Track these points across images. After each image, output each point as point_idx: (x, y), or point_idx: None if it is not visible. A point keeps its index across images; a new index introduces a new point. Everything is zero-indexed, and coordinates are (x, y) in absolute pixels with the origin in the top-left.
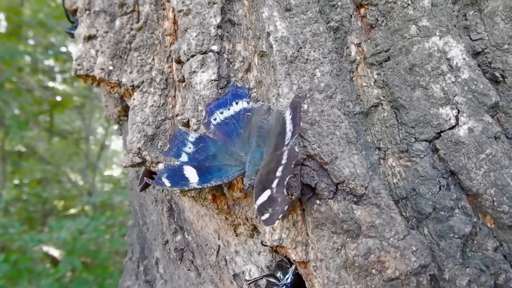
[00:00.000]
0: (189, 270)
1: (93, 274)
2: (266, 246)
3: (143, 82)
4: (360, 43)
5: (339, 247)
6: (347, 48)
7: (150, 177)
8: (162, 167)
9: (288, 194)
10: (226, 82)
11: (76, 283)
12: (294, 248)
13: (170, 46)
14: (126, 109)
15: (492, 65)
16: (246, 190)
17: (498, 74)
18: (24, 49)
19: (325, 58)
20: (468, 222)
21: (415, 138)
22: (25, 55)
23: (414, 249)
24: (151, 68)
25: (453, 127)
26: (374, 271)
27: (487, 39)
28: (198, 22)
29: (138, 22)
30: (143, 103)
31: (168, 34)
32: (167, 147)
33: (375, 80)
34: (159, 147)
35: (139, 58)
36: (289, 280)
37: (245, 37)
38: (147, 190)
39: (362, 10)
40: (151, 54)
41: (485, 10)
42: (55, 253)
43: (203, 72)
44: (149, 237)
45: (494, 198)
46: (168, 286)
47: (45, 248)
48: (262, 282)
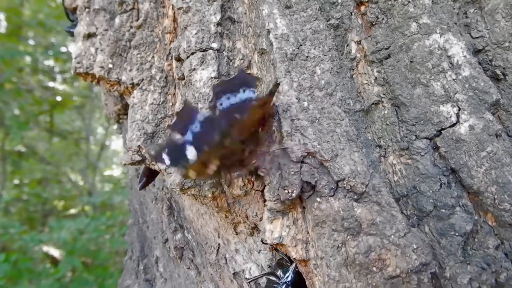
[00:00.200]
0: (189, 268)
1: (93, 274)
2: (266, 244)
3: (143, 80)
4: (360, 41)
5: (340, 245)
6: (348, 45)
7: (150, 174)
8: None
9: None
10: None
11: (76, 283)
12: (295, 246)
13: (170, 43)
14: (126, 107)
15: (492, 63)
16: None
17: (499, 72)
18: (24, 49)
19: (325, 55)
20: (469, 220)
21: (416, 135)
22: (25, 56)
23: (415, 247)
24: (151, 66)
25: (454, 125)
26: (374, 269)
27: (488, 37)
28: (198, 19)
29: (137, 20)
30: (143, 101)
31: (168, 32)
32: (174, 120)
33: (376, 77)
34: None
35: (139, 56)
36: (289, 278)
37: (245, 34)
38: (147, 188)
39: (363, 8)
40: (151, 52)
41: (485, 8)
42: (55, 253)
43: (203, 69)
44: (149, 235)
45: (495, 196)
46: (168, 285)
47: (45, 248)
48: (263, 281)
